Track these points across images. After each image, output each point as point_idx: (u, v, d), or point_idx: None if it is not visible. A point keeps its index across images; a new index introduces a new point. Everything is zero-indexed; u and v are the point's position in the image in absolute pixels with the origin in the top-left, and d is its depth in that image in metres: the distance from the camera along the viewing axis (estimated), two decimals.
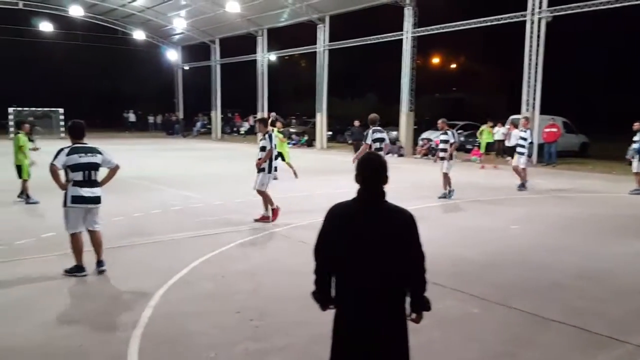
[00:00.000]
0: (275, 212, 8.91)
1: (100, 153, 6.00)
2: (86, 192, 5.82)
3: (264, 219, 8.82)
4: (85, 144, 6.00)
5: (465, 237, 8.09)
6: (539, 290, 5.64)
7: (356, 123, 21.44)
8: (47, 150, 6.96)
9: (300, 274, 6.04)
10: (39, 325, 4.60)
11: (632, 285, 5.81)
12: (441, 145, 11.78)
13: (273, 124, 9.65)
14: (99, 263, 6.06)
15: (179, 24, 32.80)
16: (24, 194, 10.35)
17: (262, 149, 8.73)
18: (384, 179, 2.74)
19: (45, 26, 34.23)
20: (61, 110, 33.67)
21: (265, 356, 4.08)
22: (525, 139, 12.91)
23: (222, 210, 9.96)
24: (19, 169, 10.26)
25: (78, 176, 5.78)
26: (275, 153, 8.96)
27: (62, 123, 33.14)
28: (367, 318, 2.64)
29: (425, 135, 24.70)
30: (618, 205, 11.16)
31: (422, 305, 2.78)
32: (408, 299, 2.76)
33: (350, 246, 2.66)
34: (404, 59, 23.46)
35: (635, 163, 12.21)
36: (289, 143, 29.56)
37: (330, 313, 2.83)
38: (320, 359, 3.71)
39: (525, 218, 9.63)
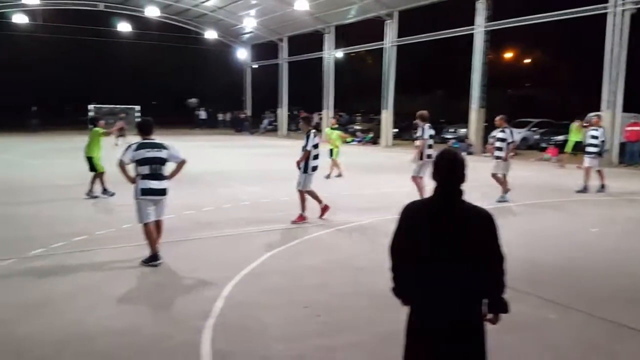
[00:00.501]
0: (300, 218, 8.56)
1: (166, 148, 6.28)
2: (154, 184, 6.11)
3: (300, 219, 8.52)
4: (153, 139, 6.30)
5: (540, 240, 7.74)
6: (620, 298, 5.31)
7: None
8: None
9: (368, 271, 6.04)
10: (112, 312, 4.84)
11: None
12: (497, 144, 11.02)
13: (317, 126, 9.34)
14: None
15: (249, 23, 33.50)
16: (91, 191, 10.45)
17: (303, 148, 8.57)
18: (462, 178, 2.68)
19: (124, 27, 35.98)
20: (137, 107, 35.33)
21: (335, 352, 4.08)
22: (596, 138, 12.12)
23: (289, 205, 10.04)
24: (90, 161, 10.45)
25: (145, 170, 6.08)
26: (314, 153, 8.52)
27: (137, 120, 34.81)
28: (445, 318, 2.59)
29: (496, 132, 23.84)
30: None
31: (500, 306, 2.70)
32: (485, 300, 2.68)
33: (428, 245, 2.61)
34: (475, 54, 22.78)
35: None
36: (352, 140, 29.69)
37: (401, 312, 2.78)
38: (391, 357, 3.68)
39: (604, 221, 9.10)
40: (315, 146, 8.55)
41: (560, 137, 21.46)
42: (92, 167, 10.49)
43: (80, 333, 4.32)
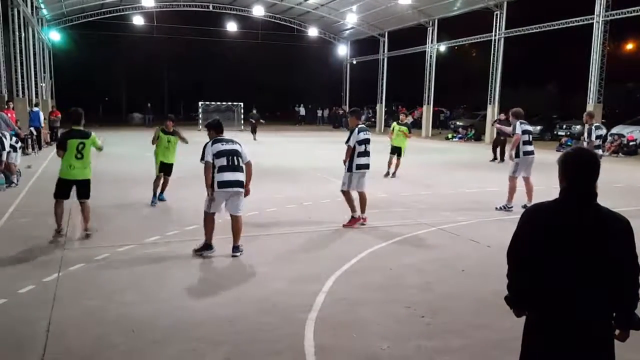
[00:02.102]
0: (353, 220, 7.94)
1: (239, 144, 6.38)
2: (230, 176, 6.12)
3: (353, 222, 7.94)
4: (222, 135, 6.44)
5: None
6: None
7: (502, 116, 19.88)
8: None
9: (473, 274, 5.78)
10: (218, 300, 5.02)
11: None
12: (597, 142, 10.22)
13: (359, 117, 8.27)
14: (235, 248, 6.32)
15: (351, 19, 33.59)
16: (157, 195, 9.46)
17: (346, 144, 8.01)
18: (596, 178, 2.45)
19: (231, 26, 37.59)
20: (241, 104, 36.81)
21: (440, 355, 3.92)
22: None
23: (387, 203, 9.95)
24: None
25: (222, 161, 6.12)
26: (360, 149, 7.85)
27: (242, 116, 36.27)
28: (567, 329, 2.38)
29: (616, 130, 21.94)
30: None
31: (631, 322, 2.43)
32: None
33: (559, 253, 2.39)
34: (593, 46, 21.09)
35: None
36: (454, 137, 28.76)
37: (508, 320, 2.59)
38: None
39: None
40: (362, 142, 7.88)
41: None
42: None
43: (188, 318, 4.53)
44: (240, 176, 6.23)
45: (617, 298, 2.40)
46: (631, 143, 20.60)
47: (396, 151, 13.72)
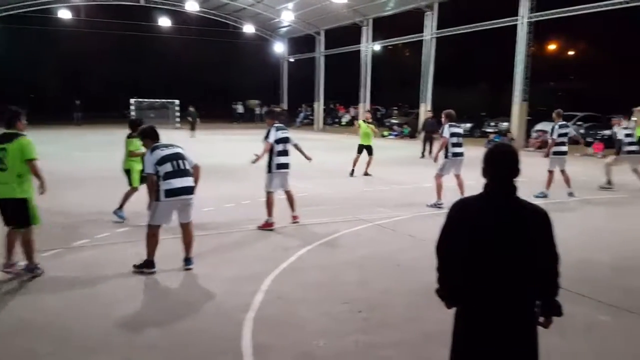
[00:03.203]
0: (266, 224, 7.67)
1: (179, 147, 5.84)
2: (178, 182, 5.55)
3: (266, 225, 7.68)
4: (159, 141, 5.81)
5: (592, 239, 7.44)
6: None
7: (429, 115, 20.67)
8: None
9: (409, 268, 5.91)
10: (152, 304, 4.90)
11: None
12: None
13: (276, 117, 8.15)
14: (188, 260, 5.81)
15: (287, 17, 33.53)
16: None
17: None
18: (516, 171, 2.54)
19: (164, 21, 36.55)
20: (177, 101, 35.91)
21: (376, 350, 3.99)
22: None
23: (326, 200, 10.02)
24: (128, 173, 8.24)
25: (167, 167, 5.52)
26: (278, 149, 7.73)
27: (177, 114, 35.40)
28: (496, 319, 2.47)
29: (540, 126, 23.17)
30: None
31: (553, 309, 2.56)
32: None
33: (479, 244, 2.48)
34: (518, 46, 22.15)
35: None
36: (389, 134, 29.38)
37: (444, 312, 2.67)
38: (434, 357, 3.57)
39: None
40: (280, 141, 7.75)
41: (607, 132, 20.66)
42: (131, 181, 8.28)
43: (122, 324, 4.36)
44: (190, 181, 5.68)
45: (540, 287, 2.52)
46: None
47: (364, 149, 13.75)
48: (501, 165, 2.53)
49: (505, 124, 24.27)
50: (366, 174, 13.48)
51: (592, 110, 25.27)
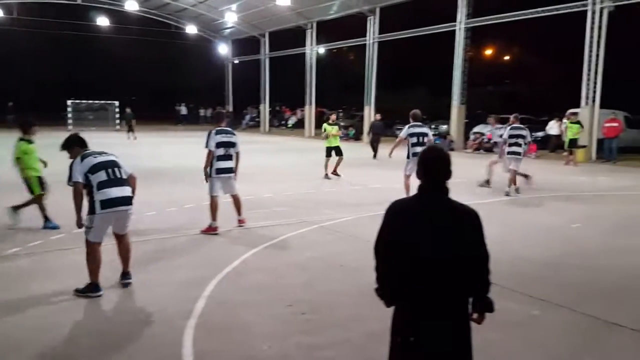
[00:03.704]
0: (209, 229, 7.56)
1: (113, 154, 5.38)
2: (115, 192, 5.02)
3: (209, 229, 7.56)
4: (88, 149, 5.29)
5: (526, 236, 7.79)
6: (605, 293, 5.34)
7: (377, 116, 21.13)
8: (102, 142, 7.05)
9: (352, 269, 5.99)
10: (91, 313, 4.73)
11: None
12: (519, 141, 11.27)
13: (221, 119, 7.99)
14: (125, 275, 5.37)
15: (230, 18, 33.21)
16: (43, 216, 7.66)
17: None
18: (448, 174, 2.63)
19: (102, 21, 35.36)
20: (116, 103, 34.81)
21: (319, 351, 4.02)
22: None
23: (271, 203, 9.99)
24: (27, 181, 7.67)
25: (101, 176, 4.97)
26: (220, 153, 7.55)
27: (117, 115, 34.32)
28: (429, 317, 2.54)
29: (477, 129, 24.05)
30: None
31: (485, 306, 2.66)
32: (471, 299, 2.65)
33: (416, 244, 2.54)
34: (456, 51, 22.91)
35: None
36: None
37: (387, 310, 2.74)
38: (376, 356, 3.63)
39: (588, 217, 9.19)
40: (221, 145, 7.57)
41: (540, 134, 21.71)
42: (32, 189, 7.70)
43: (56, 335, 4.19)
44: (128, 191, 5.16)
45: (472, 285, 2.61)
46: (491, 141, 22.65)
47: (333, 151, 13.76)
48: (433, 168, 2.60)
49: (445, 126, 25.03)
50: (335, 173, 13.51)
51: (526, 112, 26.42)
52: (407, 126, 9.88)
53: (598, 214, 9.42)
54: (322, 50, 33.65)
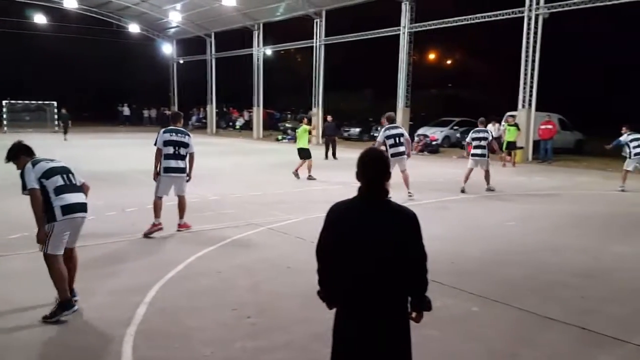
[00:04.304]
0: (152, 227, 7.48)
1: (61, 161, 5.00)
2: (73, 197, 4.72)
3: (152, 228, 7.49)
4: (35, 156, 4.87)
5: (466, 234, 8.03)
6: (540, 289, 5.58)
7: (329, 118, 21.39)
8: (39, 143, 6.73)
9: (299, 270, 5.99)
10: (25, 322, 4.50)
11: (634, 284, 5.76)
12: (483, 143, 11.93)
13: (172, 120, 7.88)
14: (71, 292, 4.84)
15: (174, 17, 32.52)
16: None
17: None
18: (387, 176, 2.66)
19: (40, 18, 33.85)
20: (55, 103, 33.42)
21: (264, 354, 4.00)
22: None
23: (218, 205, 9.87)
24: None
25: (57, 181, 4.67)
26: (168, 152, 7.47)
27: (55, 116, 32.93)
28: (369, 317, 2.58)
29: (421, 131, 24.66)
30: (616, 202, 11.13)
31: (423, 304, 2.72)
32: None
33: (351, 245, 2.58)
34: (400, 55, 23.38)
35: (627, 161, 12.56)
36: (284, 138, 29.61)
37: (331, 312, 2.76)
38: (320, 357, 3.66)
39: (524, 215, 9.58)
40: (168, 144, 7.50)
41: None
42: None
43: None
44: (84, 198, 4.85)
45: (410, 284, 2.66)
46: (434, 142, 23.29)
47: (305, 153, 13.80)
48: (372, 170, 2.63)
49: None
50: (296, 173, 13.66)
51: (468, 115, 27.32)
52: (383, 129, 10.36)
53: (533, 213, 9.84)
54: (269, 51, 33.52)
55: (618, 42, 33.05)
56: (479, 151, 11.88)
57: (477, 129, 12.26)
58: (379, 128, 27.67)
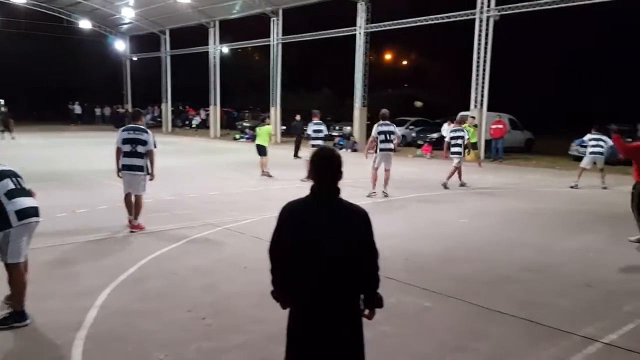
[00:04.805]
0: (129, 222, 7.76)
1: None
2: (28, 201, 4.50)
3: (135, 226, 7.73)
4: None
5: (420, 232, 8.19)
6: (490, 284, 5.76)
7: (298, 117, 21.49)
8: None
9: (255, 270, 5.95)
10: None
11: (578, 278, 6.00)
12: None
13: (133, 118, 8.16)
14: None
15: (127, 14, 31.73)
16: None
17: None
18: (339, 175, 2.68)
19: None
20: (2, 101, 32.02)
21: (219, 355, 3.97)
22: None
23: (173, 205, 9.71)
24: None
25: (7, 185, 4.42)
26: (126, 149, 7.58)
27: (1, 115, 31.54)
28: (322, 315, 2.59)
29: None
30: (564, 199, 11.58)
31: (375, 301, 2.75)
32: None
33: (304, 244, 2.59)
34: (357, 55, 23.58)
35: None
36: (241, 137, 29.38)
37: (286, 311, 2.77)
38: (277, 357, 3.65)
39: (476, 212, 9.85)
40: (126, 142, 7.59)
41: (435, 135, 22.94)
42: None
43: None
44: (35, 202, 4.61)
45: (362, 282, 2.69)
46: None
47: (262, 150, 14.01)
48: (325, 169, 2.64)
49: (349, 128, 25.68)
50: (265, 173, 13.86)
51: (423, 115, 27.86)
52: (376, 125, 11.19)
53: (485, 210, 10.13)
54: (225, 49, 33.16)
55: (566, 44, 34.44)
56: (457, 149, 12.66)
57: (455, 127, 13.04)
58: (337, 127, 28.04)
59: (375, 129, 11.16)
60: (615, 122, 19.53)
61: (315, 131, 14.47)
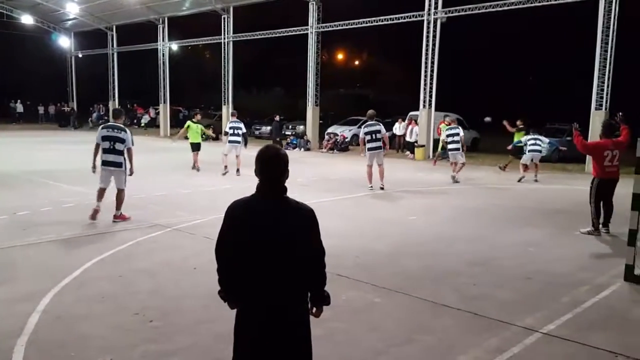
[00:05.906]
0: (121, 217, 8.35)
1: None
2: None
3: (121, 217, 8.35)
4: None
5: (369, 229, 8.31)
6: (436, 278, 5.93)
7: (276, 117, 21.52)
8: None
9: (205, 271, 5.90)
10: None
11: (519, 271, 6.25)
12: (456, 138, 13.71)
13: (115, 116, 8.84)
14: None
15: (72, 9, 30.63)
16: None
17: None
18: (285, 173, 2.67)
19: None
20: None
21: (166, 357, 3.91)
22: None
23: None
24: None
25: None
26: (105, 146, 8.13)
27: None
28: (268, 314, 2.59)
29: (331, 129, 25.14)
30: (506, 196, 12.01)
31: (322, 299, 2.78)
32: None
33: (250, 243, 2.58)
34: (309, 54, 23.65)
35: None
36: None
37: (234, 311, 2.77)
38: (226, 356, 3.64)
39: (424, 209, 10.09)
40: (105, 139, 8.14)
41: (387, 134, 23.30)
42: None
43: None
44: None
45: (309, 280, 2.72)
46: (346, 140, 23.83)
47: (196, 147, 14.90)
48: (271, 167, 2.64)
49: (302, 127, 25.73)
50: (196, 167, 14.82)
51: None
52: (363, 125, 11.82)
53: (433, 207, 10.39)
54: (175, 46, 32.53)
55: (512, 44, 35.70)
56: (454, 146, 13.70)
57: (451, 126, 14.11)
58: (290, 126, 28.03)
59: (363, 129, 11.84)
60: (552, 121, 20.56)
61: (231, 128, 14.53)
